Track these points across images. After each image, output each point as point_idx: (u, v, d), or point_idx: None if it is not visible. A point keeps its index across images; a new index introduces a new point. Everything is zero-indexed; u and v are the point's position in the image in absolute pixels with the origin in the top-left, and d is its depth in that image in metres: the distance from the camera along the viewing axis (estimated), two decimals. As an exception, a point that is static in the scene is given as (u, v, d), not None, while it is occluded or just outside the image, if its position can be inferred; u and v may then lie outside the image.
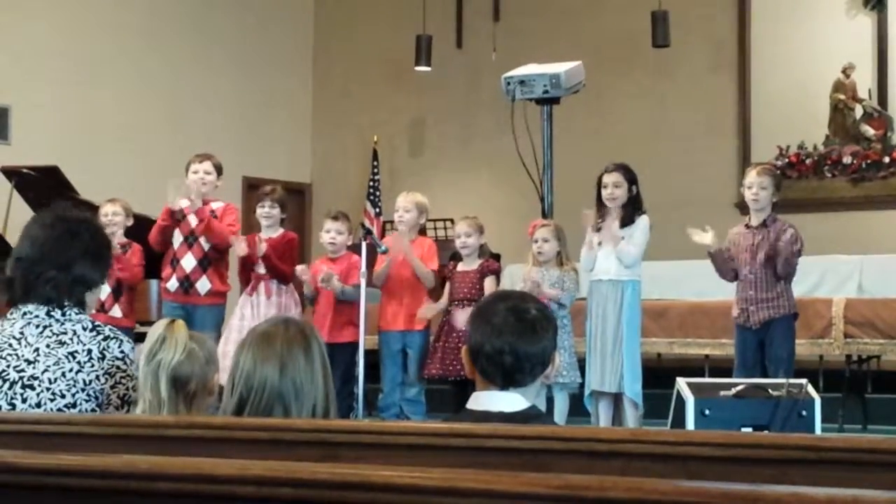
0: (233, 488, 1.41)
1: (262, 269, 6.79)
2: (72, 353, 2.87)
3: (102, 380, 2.87)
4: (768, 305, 6.03)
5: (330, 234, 6.90)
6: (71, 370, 2.84)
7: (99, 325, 2.96)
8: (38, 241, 2.94)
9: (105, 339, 2.92)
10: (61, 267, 2.92)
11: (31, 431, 2.15)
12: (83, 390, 2.84)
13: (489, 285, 6.67)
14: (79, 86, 10.79)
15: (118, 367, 2.90)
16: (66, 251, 2.93)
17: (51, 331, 2.89)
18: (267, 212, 6.88)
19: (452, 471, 1.35)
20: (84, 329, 2.92)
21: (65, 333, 2.89)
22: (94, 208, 7.17)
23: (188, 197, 6.76)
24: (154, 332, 2.82)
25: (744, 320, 6.10)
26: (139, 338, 6.79)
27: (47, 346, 2.87)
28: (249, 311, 6.74)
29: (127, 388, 2.91)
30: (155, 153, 10.68)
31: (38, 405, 2.81)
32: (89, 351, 2.88)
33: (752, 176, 6.17)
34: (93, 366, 2.86)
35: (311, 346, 2.64)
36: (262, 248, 6.70)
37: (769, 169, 6.48)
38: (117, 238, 7.06)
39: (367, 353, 6.85)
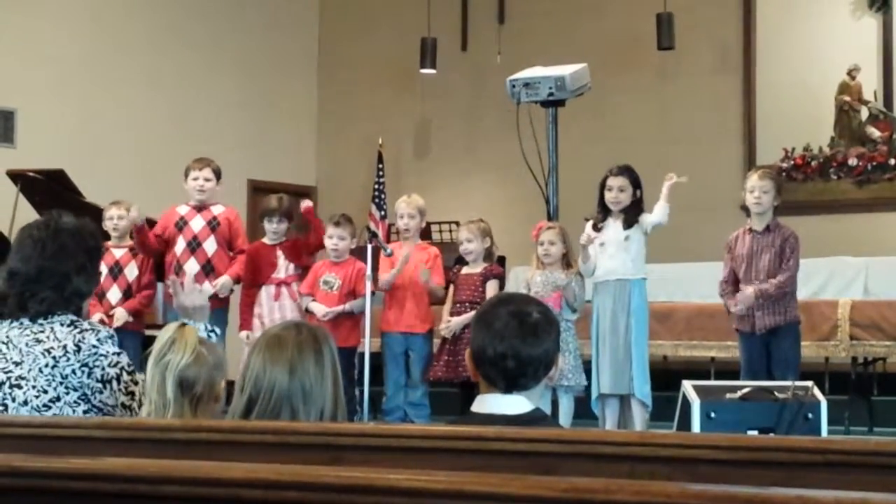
0: (239, 491, 1.41)
1: (281, 274, 6.83)
2: (47, 350, 2.96)
3: (80, 373, 2.94)
4: (774, 311, 6.01)
5: (332, 239, 6.90)
6: (47, 365, 2.93)
7: (77, 321, 3.02)
8: (32, 259, 3.00)
9: (81, 331, 2.98)
10: (57, 286, 2.98)
11: (38, 435, 2.16)
12: (62, 384, 2.93)
13: (491, 289, 6.68)
14: (84, 89, 10.80)
15: (92, 354, 2.97)
16: (60, 269, 2.99)
17: (30, 330, 2.98)
18: (275, 228, 6.93)
19: (458, 474, 1.35)
20: (62, 325, 3.00)
21: (42, 332, 2.98)
22: (99, 211, 7.20)
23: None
24: (164, 334, 2.83)
25: (749, 327, 6.07)
26: (147, 341, 6.82)
27: (26, 344, 2.96)
28: (276, 315, 6.74)
29: (103, 369, 2.98)
30: (160, 156, 10.68)
31: (26, 402, 2.90)
32: (64, 346, 2.96)
33: (753, 180, 6.16)
34: (69, 359, 2.94)
35: (322, 351, 2.64)
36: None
37: (770, 172, 6.47)
38: (126, 241, 7.08)
39: (373, 355, 6.86)
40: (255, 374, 2.60)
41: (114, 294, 6.92)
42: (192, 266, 6.80)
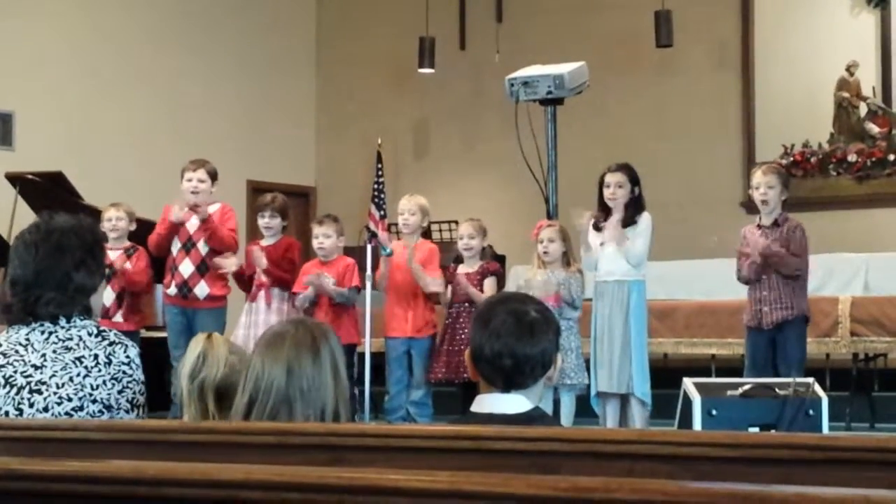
0: (240, 493, 1.41)
1: (263, 277, 6.79)
2: (78, 359, 2.88)
3: (109, 385, 2.89)
4: (782, 306, 5.98)
5: (318, 239, 6.88)
6: (78, 375, 2.86)
7: (104, 331, 2.97)
8: (29, 263, 2.94)
9: (110, 344, 2.94)
10: (59, 286, 2.93)
11: (37, 437, 2.15)
12: (90, 395, 2.87)
13: (489, 286, 6.67)
14: (82, 91, 10.80)
15: (124, 373, 2.92)
16: (59, 268, 2.94)
17: (56, 336, 2.92)
18: (267, 222, 6.87)
19: (459, 473, 1.35)
20: (89, 334, 2.94)
21: (70, 339, 2.91)
22: (97, 213, 7.19)
23: (189, 208, 6.78)
24: (194, 349, 2.83)
25: (757, 322, 6.04)
26: (144, 342, 6.82)
27: (53, 351, 2.89)
28: (250, 318, 6.73)
29: (135, 393, 2.93)
30: (159, 158, 10.68)
31: (46, 409, 2.83)
32: (95, 356, 2.90)
33: (758, 176, 6.15)
34: (100, 371, 2.89)
35: (319, 349, 2.63)
36: (263, 262, 6.69)
37: (775, 168, 6.46)
38: (122, 243, 7.07)
39: (373, 355, 6.85)
40: (254, 374, 2.60)
41: (107, 296, 6.89)
42: (186, 267, 6.78)
